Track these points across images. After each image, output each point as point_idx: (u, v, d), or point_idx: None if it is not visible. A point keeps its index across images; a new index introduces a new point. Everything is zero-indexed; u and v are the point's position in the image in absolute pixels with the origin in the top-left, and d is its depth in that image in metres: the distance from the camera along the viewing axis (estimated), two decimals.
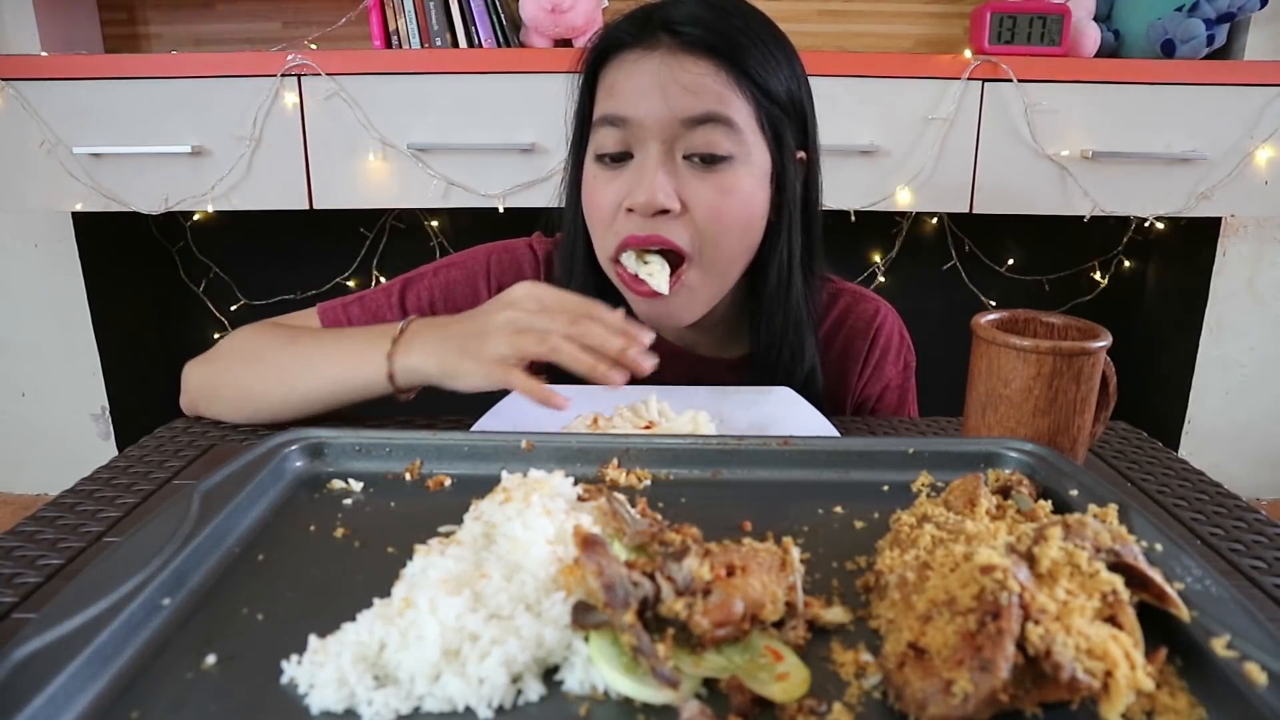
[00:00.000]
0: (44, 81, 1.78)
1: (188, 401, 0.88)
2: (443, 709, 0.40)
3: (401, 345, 0.77)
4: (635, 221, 0.82)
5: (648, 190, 0.79)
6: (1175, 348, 2.28)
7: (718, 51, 0.80)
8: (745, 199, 0.83)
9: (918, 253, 2.29)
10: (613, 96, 0.82)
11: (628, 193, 0.82)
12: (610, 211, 0.83)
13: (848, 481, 0.64)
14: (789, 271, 0.89)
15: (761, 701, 0.39)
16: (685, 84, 0.79)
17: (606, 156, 0.83)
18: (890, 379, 1.02)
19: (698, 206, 0.81)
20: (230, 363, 0.87)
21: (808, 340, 0.92)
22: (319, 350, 0.83)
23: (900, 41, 2.18)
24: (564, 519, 0.50)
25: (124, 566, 0.46)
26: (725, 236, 0.84)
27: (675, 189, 0.81)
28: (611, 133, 0.82)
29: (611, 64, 0.83)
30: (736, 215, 0.83)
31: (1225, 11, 1.82)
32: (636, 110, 0.80)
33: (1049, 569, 0.44)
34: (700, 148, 0.80)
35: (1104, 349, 0.66)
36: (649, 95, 0.79)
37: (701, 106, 0.79)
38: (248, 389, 0.83)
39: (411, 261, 1.07)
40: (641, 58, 0.81)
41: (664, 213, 0.81)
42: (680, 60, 0.80)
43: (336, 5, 2.08)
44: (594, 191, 0.85)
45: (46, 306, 2.23)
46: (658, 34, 0.81)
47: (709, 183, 0.81)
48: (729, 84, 0.80)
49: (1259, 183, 1.86)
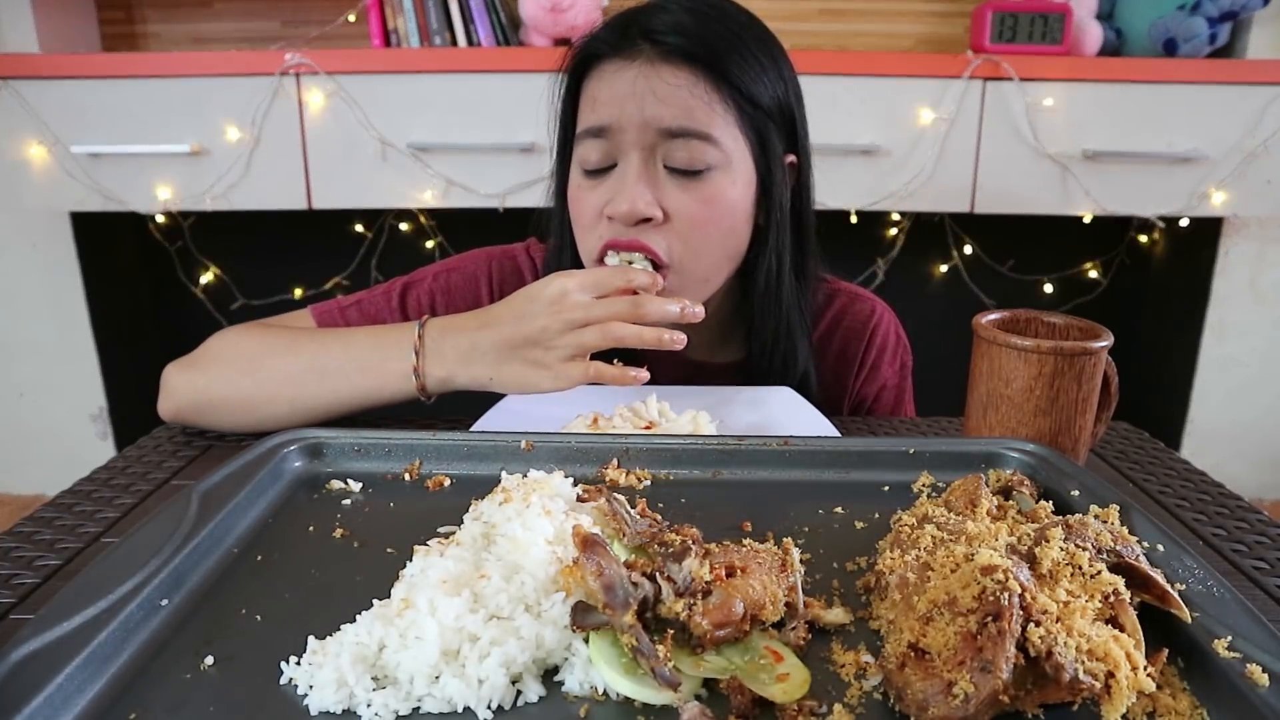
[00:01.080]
0: (42, 81, 1.78)
1: (170, 409, 0.82)
2: (442, 710, 0.39)
3: (429, 356, 0.76)
4: (617, 227, 0.82)
5: (628, 199, 0.80)
6: (1177, 348, 2.28)
7: (698, 60, 0.80)
8: (728, 208, 0.83)
9: (918, 253, 2.28)
10: (594, 109, 0.82)
11: (609, 199, 0.82)
12: (593, 217, 0.84)
13: (848, 482, 0.63)
14: (778, 275, 0.89)
15: (761, 702, 0.39)
16: (662, 95, 0.79)
17: (591, 170, 0.83)
18: (887, 379, 1.02)
19: (678, 216, 0.82)
20: (223, 370, 0.81)
21: (800, 344, 0.91)
22: (329, 357, 0.79)
23: (901, 41, 2.18)
24: (564, 519, 0.50)
25: (122, 567, 0.46)
26: (706, 245, 0.84)
27: (656, 197, 0.81)
28: (595, 145, 0.82)
29: (593, 75, 0.83)
30: (718, 224, 0.83)
31: (1227, 10, 1.82)
32: (615, 119, 0.80)
33: (1050, 570, 0.44)
34: (680, 160, 0.81)
35: (1105, 349, 0.66)
36: (626, 105, 0.80)
37: (678, 120, 0.79)
38: (248, 398, 0.79)
39: (410, 261, 1.06)
40: (621, 68, 0.80)
41: (645, 221, 0.81)
42: (658, 70, 0.79)
43: (336, 4, 2.08)
44: (577, 200, 0.86)
45: (45, 307, 2.23)
46: (638, 43, 0.80)
47: (690, 192, 0.81)
48: (709, 93, 0.80)
49: (1261, 182, 1.86)
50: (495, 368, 0.74)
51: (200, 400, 0.80)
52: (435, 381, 0.77)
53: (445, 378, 0.76)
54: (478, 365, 0.75)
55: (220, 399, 0.80)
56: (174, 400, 0.81)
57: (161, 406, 0.83)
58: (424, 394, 0.78)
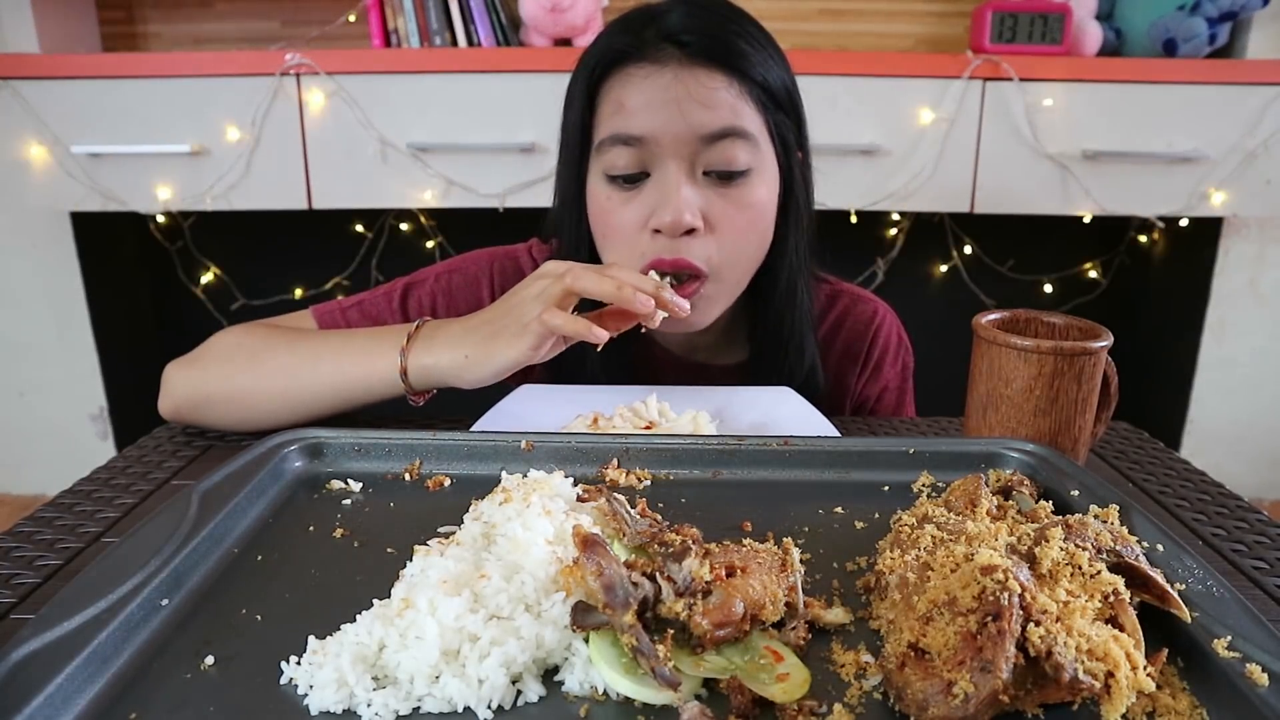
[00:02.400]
0: (42, 81, 1.78)
1: (170, 407, 0.82)
2: (442, 710, 0.39)
3: (418, 343, 0.75)
4: (661, 242, 0.80)
5: (674, 210, 0.78)
6: (1176, 348, 2.28)
7: (725, 62, 0.79)
8: (761, 210, 0.83)
9: (918, 253, 2.28)
10: (623, 114, 0.80)
11: (650, 213, 0.80)
12: (632, 232, 0.82)
13: (848, 482, 0.63)
14: (797, 274, 0.89)
15: (762, 702, 0.39)
16: (702, 99, 0.78)
17: (620, 178, 0.81)
18: (889, 380, 1.02)
19: (720, 224, 0.81)
20: (222, 367, 0.81)
21: (808, 339, 0.92)
22: (327, 349, 0.79)
23: (901, 41, 2.18)
24: (564, 519, 0.50)
25: (122, 567, 0.46)
26: (744, 251, 0.84)
27: (700, 207, 0.80)
28: (624, 152, 0.80)
29: (615, 78, 0.81)
30: (755, 228, 0.84)
31: (1227, 10, 1.82)
32: (653, 128, 0.78)
33: (1050, 569, 0.44)
34: (719, 164, 0.79)
35: (1105, 349, 0.66)
36: (665, 112, 0.78)
37: (719, 122, 0.78)
38: (245, 393, 0.79)
39: (411, 262, 1.06)
40: (652, 74, 0.79)
41: (689, 232, 0.80)
42: (694, 74, 0.78)
43: (336, 4, 2.08)
44: (609, 213, 0.83)
45: (45, 306, 2.23)
46: (663, 46, 0.79)
47: (729, 198, 0.81)
48: (741, 95, 0.79)
49: (1261, 182, 1.86)
50: (471, 345, 0.73)
51: (198, 396, 0.80)
52: (416, 368, 0.74)
53: (429, 364, 0.74)
54: (459, 346, 0.73)
55: (218, 394, 0.79)
56: (173, 398, 0.81)
57: (161, 405, 0.82)
58: (406, 382, 0.75)
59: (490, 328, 0.73)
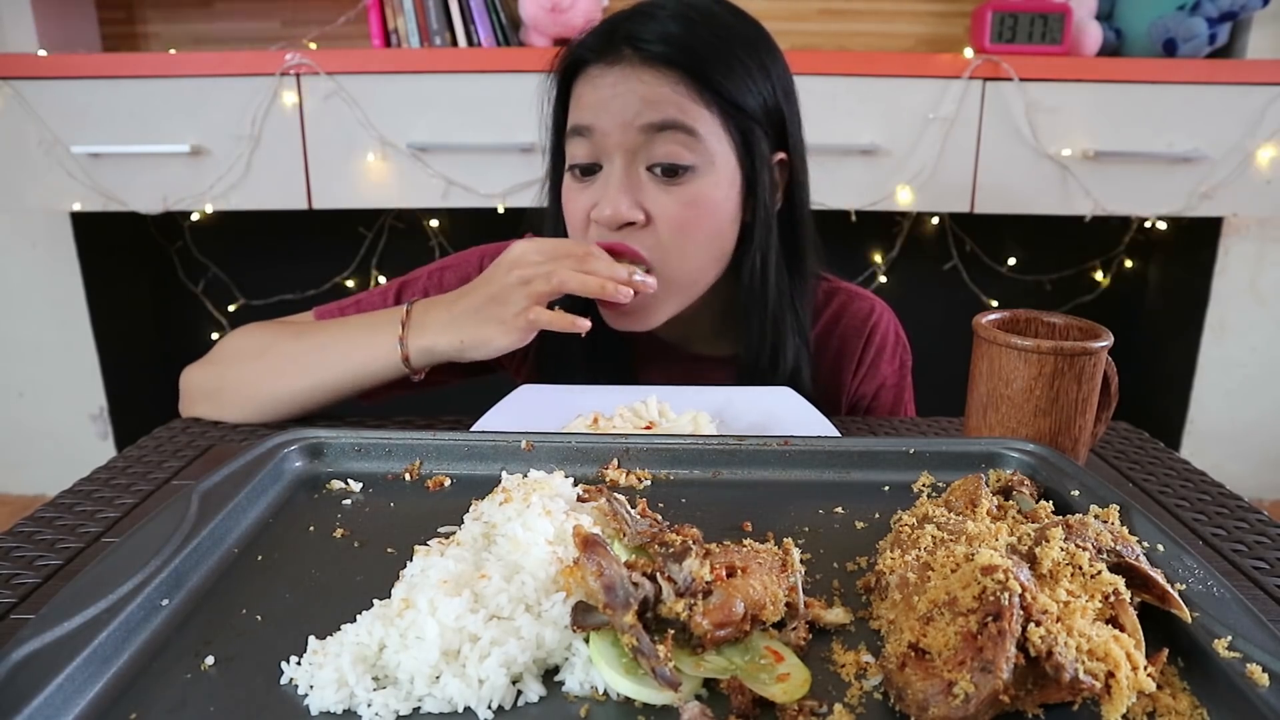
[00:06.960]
0: (42, 81, 1.78)
1: (187, 405, 0.89)
2: (442, 710, 0.39)
3: (412, 328, 0.81)
4: (603, 231, 0.84)
5: (611, 204, 0.82)
6: (1177, 348, 2.28)
7: (680, 65, 0.81)
8: (711, 210, 0.84)
9: (918, 253, 2.28)
10: (579, 109, 0.85)
11: (595, 203, 0.84)
12: (581, 220, 0.87)
13: (848, 482, 0.63)
14: (763, 273, 0.90)
15: (762, 702, 0.39)
16: (643, 94, 0.81)
17: (577, 168, 0.86)
18: (886, 378, 1.02)
19: (661, 218, 0.83)
20: (233, 360, 0.88)
21: (789, 341, 0.92)
22: (328, 338, 0.85)
23: (901, 40, 2.18)
24: (564, 519, 0.50)
25: (123, 567, 0.46)
26: (690, 247, 0.85)
27: (639, 201, 0.83)
28: (580, 144, 0.85)
29: (580, 78, 0.86)
30: (702, 226, 0.85)
31: (1227, 10, 1.82)
32: (599, 120, 0.82)
33: (1050, 570, 0.44)
34: (661, 158, 0.82)
35: (1105, 349, 0.66)
36: (609, 105, 0.82)
37: (659, 114, 0.81)
38: (253, 383, 0.85)
39: (410, 261, 1.07)
40: (604, 71, 0.83)
41: (629, 225, 0.83)
42: (639, 72, 0.82)
43: (336, 4, 2.08)
44: (568, 202, 0.88)
45: (45, 306, 2.23)
46: (621, 48, 0.83)
47: (673, 195, 0.83)
48: (690, 94, 0.82)
49: (1261, 182, 1.86)
50: (466, 330, 0.80)
51: (211, 389, 0.87)
52: (418, 350, 0.81)
53: (427, 346, 0.81)
54: (453, 331, 0.80)
55: (231, 384, 0.86)
56: (190, 396, 0.88)
57: (182, 405, 0.90)
58: (409, 365, 0.82)
59: (479, 315, 0.80)
